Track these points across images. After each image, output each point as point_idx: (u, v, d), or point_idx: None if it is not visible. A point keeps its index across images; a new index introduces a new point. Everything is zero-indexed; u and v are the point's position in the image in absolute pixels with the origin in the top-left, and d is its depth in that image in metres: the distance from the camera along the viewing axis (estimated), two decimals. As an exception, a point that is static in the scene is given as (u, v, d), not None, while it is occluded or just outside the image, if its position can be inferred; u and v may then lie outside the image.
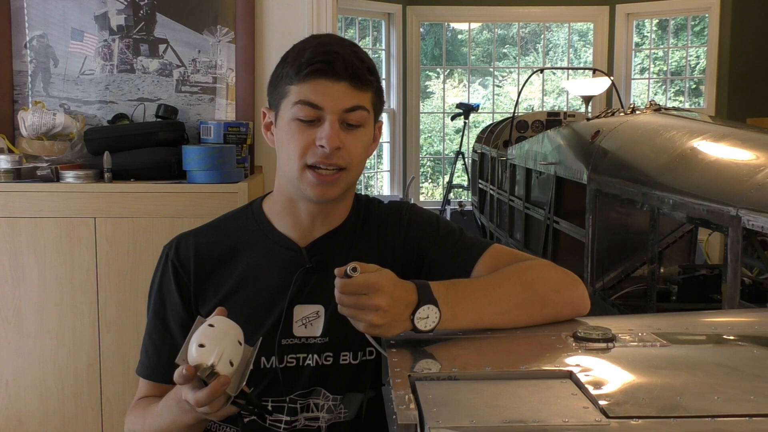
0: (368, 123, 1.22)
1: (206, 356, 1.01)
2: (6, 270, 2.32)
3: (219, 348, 1.02)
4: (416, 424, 0.79)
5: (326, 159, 1.17)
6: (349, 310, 1.05)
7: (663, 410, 0.79)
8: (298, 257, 1.26)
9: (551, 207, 3.72)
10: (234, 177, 2.40)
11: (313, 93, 1.16)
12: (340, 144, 1.16)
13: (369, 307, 1.03)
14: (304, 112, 1.17)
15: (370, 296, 1.03)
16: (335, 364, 1.25)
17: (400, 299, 1.05)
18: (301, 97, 1.17)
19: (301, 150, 1.18)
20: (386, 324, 1.04)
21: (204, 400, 1.01)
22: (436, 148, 8.46)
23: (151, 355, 1.30)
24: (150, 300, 1.31)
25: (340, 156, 1.17)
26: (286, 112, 1.20)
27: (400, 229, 1.32)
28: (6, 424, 2.37)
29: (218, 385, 1.00)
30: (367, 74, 1.19)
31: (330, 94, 1.16)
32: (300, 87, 1.17)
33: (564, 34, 8.38)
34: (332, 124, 1.16)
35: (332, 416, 1.26)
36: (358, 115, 1.18)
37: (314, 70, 1.15)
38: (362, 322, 1.04)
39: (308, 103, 1.16)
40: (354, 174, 1.22)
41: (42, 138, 2.51)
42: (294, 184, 1.22)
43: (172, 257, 1.28)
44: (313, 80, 1.16)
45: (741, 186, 2.12)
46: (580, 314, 1.18)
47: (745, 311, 2.03)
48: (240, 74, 2.68)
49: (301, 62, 1.17)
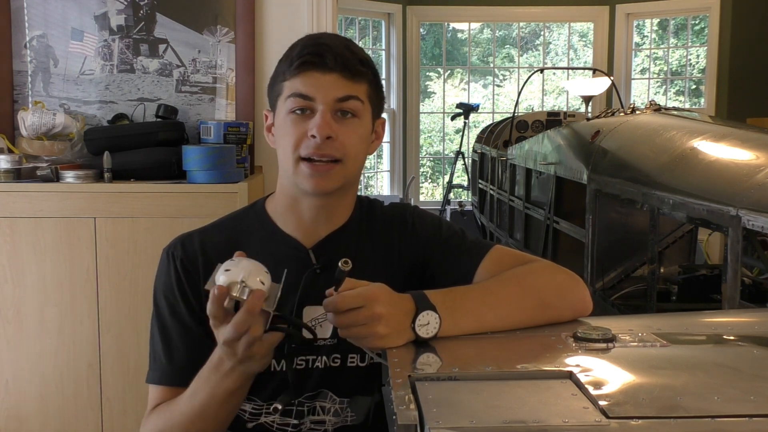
0: (363, 114, 1.21)
1: (235, 275, 1.00)
2: (6, 270, 2.32)
3: (246, 268, 1.01)
4: (416, 424, 0.78)
5: (318, 150, 1.16)
6: (351, 330, 1.04)
7: (663, 410, 0.79)
8: (304, 258, 1.25)
9: (551, 207, 3.72)
10: (234, 177, 2.40)
11: (304, 85, 1.16)
12: (331, 133, 1.16)
13: (369, 318, 1.02)
14: (296, 103, 1.17)
15: (369, 307, 1.02)
16: (343, 366, 1.24)
17: (399, 306, 1.05)
18: (293, 90, 1.17)
19: (295, 142, 1.18)
20: (390, 333, 1.03)
21: (243, 319, 0.99)
22: (436, 148, 8.46)
23: (169, 358, 1.24)
24: (158, 304, 1.27)
25: (332, 146, 1.17)
26: (281, 108, 1.20)
27: (404, 232, 1.31)
28: (6, 424, 2.37)
29: (255, 299, 0.99)
30: (359, 65, 1.18)
31: (321, 85, 1.16)
32: (292, 81, 1.18)
33: (564, 34, 8.38)
34: (323, 114, 1.16)
35: (339, 419, 1.25)
36: (351, 104, 1.18)
37: (304, 62, 1.16)
38: (367, 337, 1.03)
39: (300, 95, 1.17)
40: (351, 167, 1.21)
41: (42, 138, 2.51)
42: (291, 179, 1.21)
43: (180, 256, 1.25)
44: (304, 72, 1.16)
45: (741, 186, 2.12)
46: (582, 316, 1.18)
47: (745, 311, 2.03)
48: (240, 74, 2.68)
49: (292, 57, 1.17)
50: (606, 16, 7.30)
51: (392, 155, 7.51)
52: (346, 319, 1.03)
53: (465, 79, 8.48)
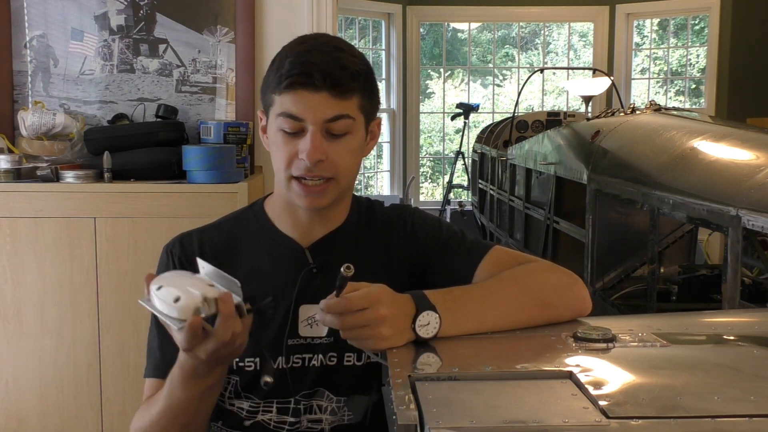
0: (355, 129, 1.20)
1: (191, 298, 0.95)
2: (6, 270, 2.32)
3: (192, 284, 0.97)
4: (416, 424, 0.78)
5: (309, 172, 1.16)
6: (354, 331, 1.04)
7: (663, 410, 0.79)
8: (301, 257, 1.26)
9: (551, 207, 3.72)
10: (234, 177, 2.40)
11: (294, 105, 1.15)
12: (322, 156, 1.15)
13: (374, 320, 1.02)
14: (286, 124, 1.16)
15: (374, 308, 1.02)
16: (339, 364, 1.25)
17: (401, 307, 1.05)
18: (283, 109, 1.16)
19: (286, 162, 1.17)
20: (393, 335, 1.03)
21: (224, 327, 0.97)
22: (436, 148, 8.45)
23: (162, 352, 1.25)
24: None
25: (324, 168, 1.17)
26: (273, 122, 1.20)
27: (404, 233, 1.32)
28: (6, 424, 2.37)
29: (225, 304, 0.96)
30: (349, 81, 1.16)
31: (310, 105, 1.14)
32: (282, 98, 1.16)
33: (564, 34, 8.38)
34: (313, 135, 1.14)
35: (335, 418, 1.25)
36: (342, 125, 1.16)
37: (293, 83, 1.14)
38: (370, 339, 1.03)
39: (289, 116, 1.15)
40: (344, 182, 1.21)
41: (42, 138, 2.51)
42: (284, 195, 1.23)
43: (177, 254, 1.27)
44: (292, 92, 1.15)
45: (741, 186, 2.12)
46: (581, 315, 1.18)
47: (745, 311, 2.03)
48: (240, 74, 2.68)
49: (282, 73, 1.16)
50: (606, 16, 7.30)
51: (392, 155, 7.51)
52: (351, 320, 1.03)
53: (465, 79, 8.48)
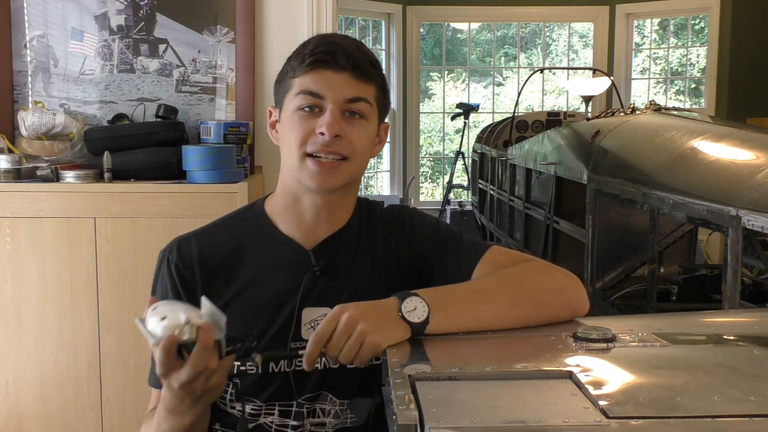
0: (371, 116, 1.21)
1: (175, 320, 0.96)
2: (6, 270, 2.32)
3: (181, 309, 0.98)
4: (416, 424, 0.78)
5: (326, 147, 1.17)
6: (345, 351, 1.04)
7: (663, 410, 0.79)
8: (304, 260, 1.25)
9: (551, 207, 3.72)
10: (234, 177, 2.40)
11: (315, 83, 1.17)
12: (340, 131, 1.16)
13: (348, 328, 1.03)
14: (305, 101, 1.17)
15: (341, 321, 1.03)
16: (342, 368, 1.23)
17: (373, 305, 1.06)
18: (303, 87, 1.18)
19: (302, 138, 1.18)
20: (374, 328, 1.03)
21: (200, 357, 0.97)
22: (436, 148, 8.45)
23: None
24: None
25: (341, 144, 1.17)
26: (289, 105, 1.20)
27: (403, 233, 1.31)
28: (6, 424, 2.37)
29: (205, 333, 0.96)
30: (369, 67, 1.19)
31: (331, 84, 1.17)
32: (302, 78, 1.18)
33: (564, 34, 8.38)
34: (333, 112, 1.16)
35: (339, 421, 1.25)
36: (361, 106, 1.19)
37: (315, 60, 1.16)
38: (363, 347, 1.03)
39: (310, 93, 1.17)
40: (356, 166, 1.22)
41: (42, 138, 2.51)
42: (295, 176, 1.21)
43: (175, 260, 1.25)
44: (315, 70, 1.17)
45: (741, 186, 2.12)
46: (579, 315, 1.18)
47: (745, 311, 2.03)
48: (240, 74, 2.68)
49: (304, 54, 1.18)
50: (606, 16, 7.30)
51: (392, 155, 7.51)
52: (333, 342, 1.04)
53: (465, 79, 8.48)
